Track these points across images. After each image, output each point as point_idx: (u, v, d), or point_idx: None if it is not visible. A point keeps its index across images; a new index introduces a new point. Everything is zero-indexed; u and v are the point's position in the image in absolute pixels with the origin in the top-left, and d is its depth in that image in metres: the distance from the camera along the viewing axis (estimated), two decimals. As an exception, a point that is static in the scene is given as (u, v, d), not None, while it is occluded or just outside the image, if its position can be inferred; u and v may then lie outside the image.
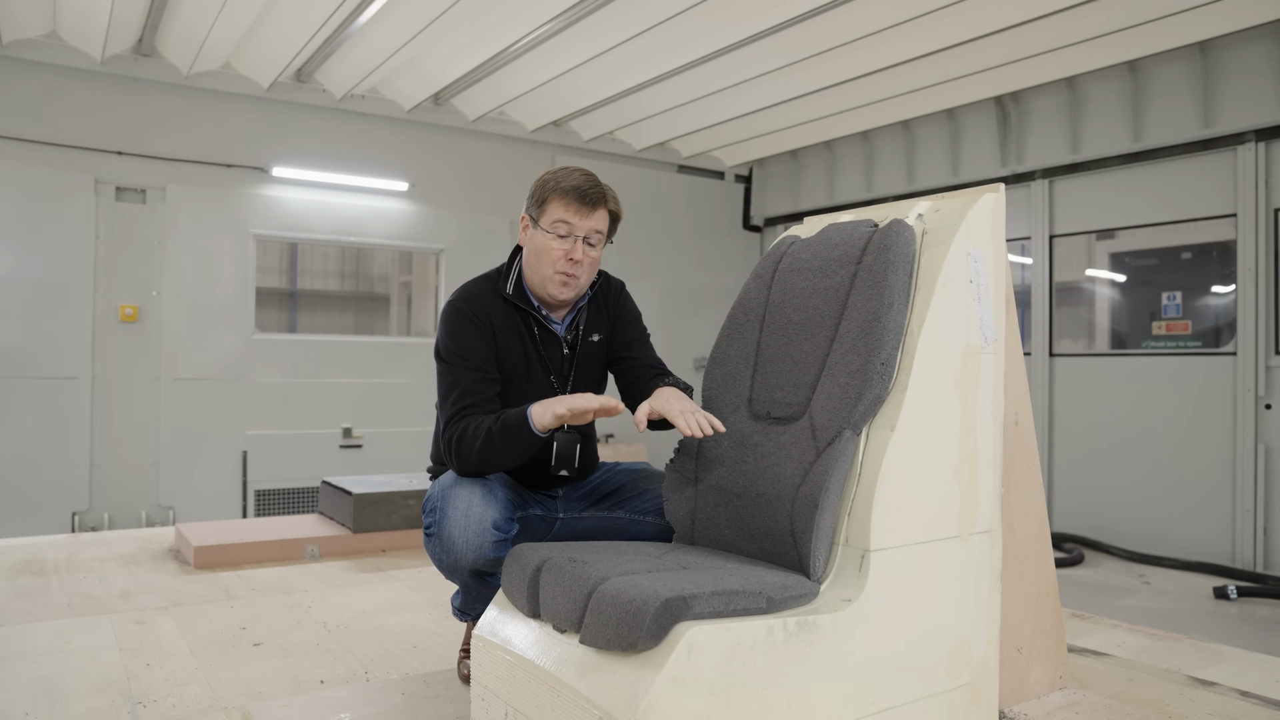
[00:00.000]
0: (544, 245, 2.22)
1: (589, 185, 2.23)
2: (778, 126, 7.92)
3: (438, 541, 2.07)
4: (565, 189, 2.21)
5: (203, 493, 6.33)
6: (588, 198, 2.21)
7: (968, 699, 1.99)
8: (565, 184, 2.21)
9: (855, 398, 1.88)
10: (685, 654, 1.54)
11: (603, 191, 2.26)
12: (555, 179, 2.25)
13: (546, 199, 2.23)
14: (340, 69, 6.50)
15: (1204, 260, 6.34)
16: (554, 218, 2.21)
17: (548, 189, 2.24)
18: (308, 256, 10.93)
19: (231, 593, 3.26)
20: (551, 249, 2.20)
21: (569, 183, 2.21)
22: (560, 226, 2.20)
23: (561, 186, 2.21)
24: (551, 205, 2.22)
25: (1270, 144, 5.54)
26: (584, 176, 2.24)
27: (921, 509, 1.90)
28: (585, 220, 2.21)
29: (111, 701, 2.20)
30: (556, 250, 2.20)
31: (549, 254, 2.21)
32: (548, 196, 2.23)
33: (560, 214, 2.20)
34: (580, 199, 2.20)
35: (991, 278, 2.06)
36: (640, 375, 2.35)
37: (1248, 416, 5.58)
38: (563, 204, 2.20)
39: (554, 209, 2.21)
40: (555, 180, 2.24)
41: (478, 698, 1.96)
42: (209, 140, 6.45)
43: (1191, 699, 2.30)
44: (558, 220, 2.20)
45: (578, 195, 2.20)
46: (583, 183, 2.22)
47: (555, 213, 2.21)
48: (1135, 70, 6.13)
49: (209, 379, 6.40)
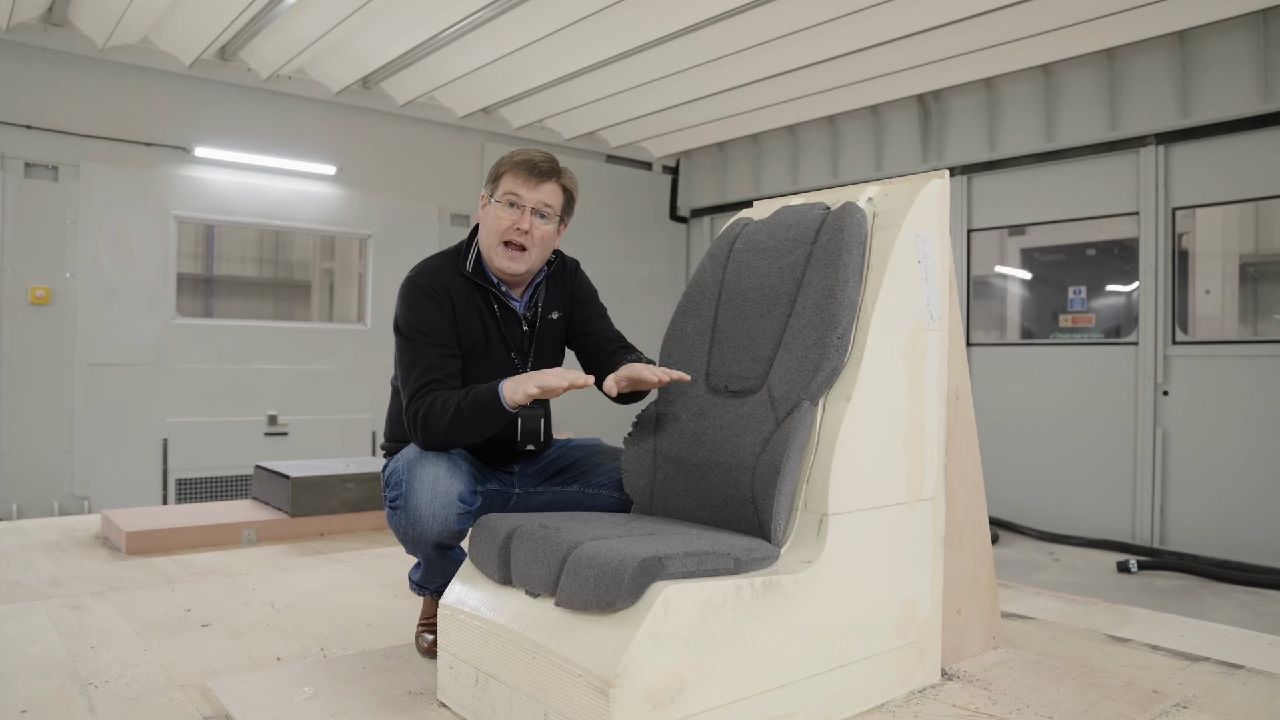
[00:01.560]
0: (493, 217, 2.27)
1: (541, 159, 2.30)
2: (705, 119, 8.03)
3: (403, 514, 2.09)
4: (517, 162, 2.28)
5: (120, 482, 6.10)
6: (537, 169, 2.27)
7: (914, 656, 2.12)
8: (518, 158, 2.29)
9: (813, 370, 1.98)
10: (662, 611, 1.61)
11: (554, 166, 2.32)
12: (510, 155, 2.32)
13: (500, 173, 2.30)
14: (267, 48, 6.33)
15: (1107, 257, 6.72)
16: (504, 190, 2.27)
17: (502, 165, 2.31)
18: (224, 241, 10.56)
19: (170, 577, 3.19)
20: (500, 219, 2.26)
21: (519, 157, 2.29)
22: (509, 197, 2.26)
23: (514, 160, 2.29)
24: (504, 179, 2.29)
25: (1169, 147, 5.90)
26: (539, 153, 2.31)
27: (874, 476, 2.01)
28: (533, 192, 2.26)
29: (59, 684, 2.14)
30: (505, 220, 2.25)
31: (497, 224, 2.26)
32: (501, 171, 2.30)
33: (509, 185, 2.26)
34: (529, 170, 2.26)
35: (937, 259, 2.19)
36: (604, 349, 2.41)
37: (1147, 403, 5.95)
38: (512, 176, 2.27)
39: (505, 183, 2.28)
40: (510, 157, 2.31)
41: (445, 665, 1.99)
42: (127, 117, 6.19)
43: (1110, 654, 2.48)
44: (507, 192, 2.26)
45: (527, 167, 2.27)
46: (535, 156, 2.29)
47: (506, 185, 2.27)
48: (1048, 74, 6.44)
49: (127, 364, 6.16)
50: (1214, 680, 2.27)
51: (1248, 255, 6.62)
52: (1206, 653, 2.49)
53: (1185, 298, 6.08)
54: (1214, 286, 6.44)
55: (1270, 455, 5.47)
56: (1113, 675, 2.27)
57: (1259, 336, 6.04)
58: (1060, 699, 2.08)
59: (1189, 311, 6.08)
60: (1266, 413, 5.50)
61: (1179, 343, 5.91)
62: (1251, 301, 6.64)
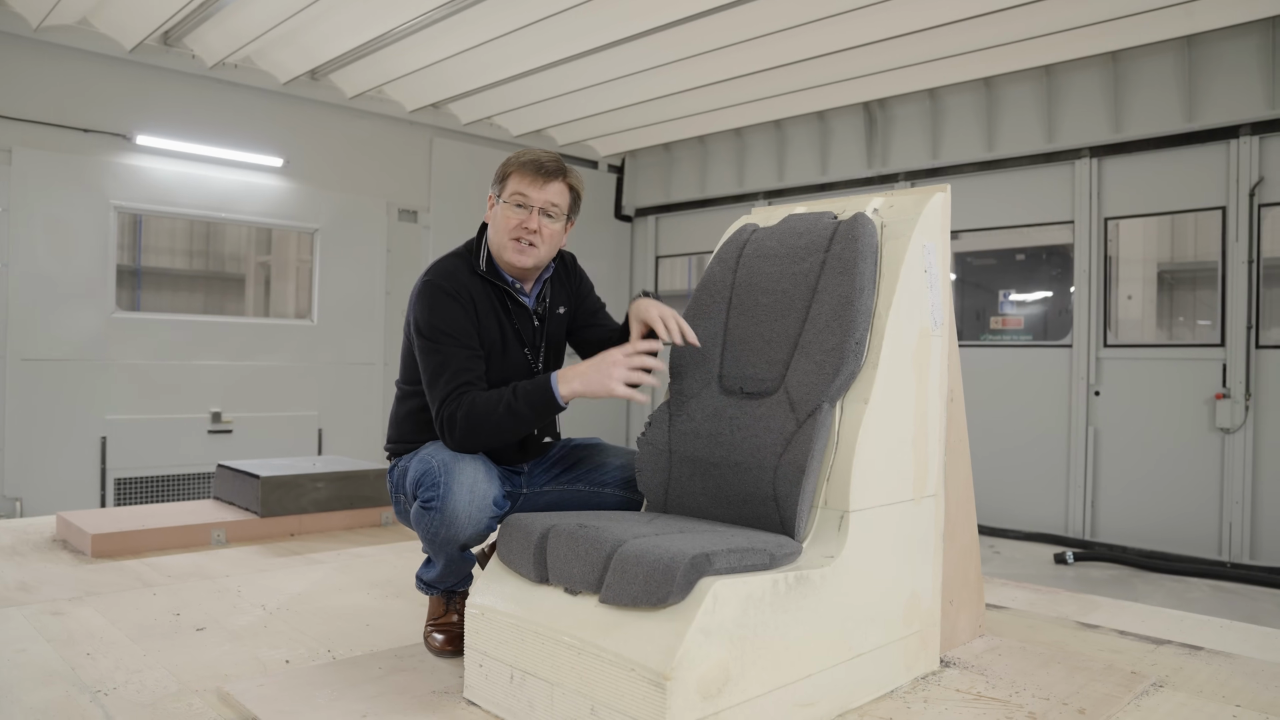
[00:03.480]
0: (503, 217, 2.31)
1: (547, 159, 2.35)
2: (652, 120, 8.11)
3: (438, 515, 2.10)
4: (523, 162, 2.32)
5: (55, 482, 5.85)
6: (543, 169, 2.32)
7: (918, 645, 2.23)
8: (524, 158, 2.33)
9: (832, 373, 2.07)
10: (712, 606, 1.67)
11: (561, 166, 2.37)
12: (517, 157, 2.36)
13: (507, 174, 2.34)
14: (213, 35, 6.14)
15: (1035, 263, 7.06)
16: (512, 190, 2.31)
17: (509, 165, 2.35)
18: (151, 232, 10.17)
19: (146, 580, 3.11)
20: (509, 218, 2.30)
21: (528, 157, 2.34)
22: (517, 197, 2.30)
23: (520, 160, 2.33)
24: (511, 179, 2.33)
25: (1102, 160, 6.24)
26: (545, 154, 2.36)
27: (887, 475, 2.11)
28: (541, 192, 2.31)
29: (66, 692, 2.09)
30: (513, 219, 2.30)
31: (506, 223, 2.31)
32: (509, 171, 2.34)
33: (517, 186, 2.31)
34: (536, 170, 2.31)
35: (940, 268, 2.30)
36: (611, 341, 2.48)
37: (1080, 403, 6.29)
38: (519, 176, 2.31)
39: (512, 183, 2.32)
40: (516, 158, 2.36)
41: (474, 664, 2.02)
42: (63, 101, 5.93)
43: (1084, 639, 2.65)
44: (515, 192, 2.30)
45: (534, 167, 2.31)
46: (541, 156, 2.34)
47: (514, 185, 2.31)
48: (989, 86, 6.73)
49: (63, 359, 5.91)
50: (1181, 661, 2.45)
51: (1164, 263, 7.03)
52: (1169, 636, 2.68)
53: (1109, 303, 6.43)
54: (1135, 292, 6.83)
55: (1190, 453, 5.85)
56: (1092, 659, 2.43)
57: (1174, 340, 6.44)
58: (1052, 682, 2.22)
59: (1113, 316, 6.44)
60: (1187, 412, 5.88)
61: (1110, 345, 6.25)
62: (1168, 307, 7.06)
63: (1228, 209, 5.74)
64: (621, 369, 2.14)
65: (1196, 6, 5.30)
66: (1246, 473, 5.60)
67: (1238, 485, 5.61)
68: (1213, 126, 5.77)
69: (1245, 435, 5.62)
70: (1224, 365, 5.72)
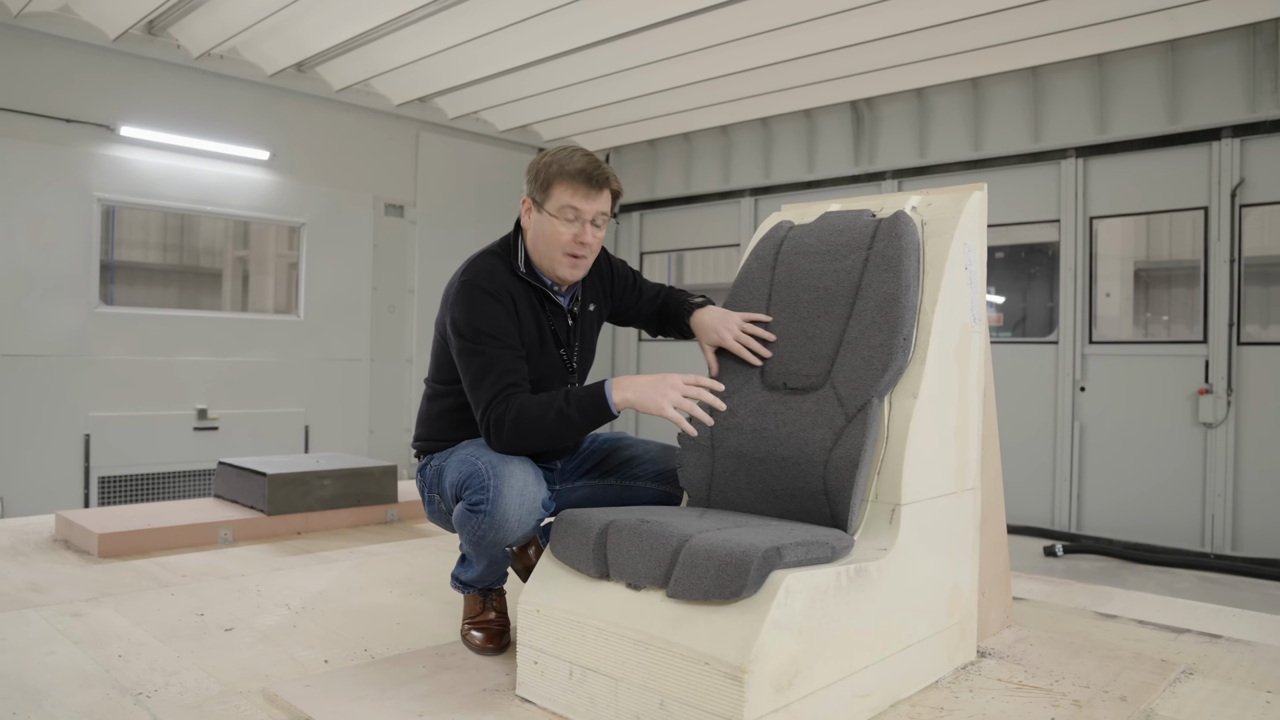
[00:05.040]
0: (551, 230, 2.23)
1: (593, 168, 2.23)
2: (637, 117, 8.11)
3: (488, 518, 2.07)
4: (570, 173, 2.20)
5: (38, 480, 5.71)
6: (594, 180, 2.22)
7: (958, 636, 2.27)
8: (570, 167, 2.20)
9: (881, 369, 2.09)
10: (784, 599, 1.68)
11: (605, 173, 2.26)
12: (558, 162, 2.23)
13: (552, 183, 2.22)
14: (200, 26, 6.02)
15: (1014, 260, 7.18)
16: (561, 203, 2.21)
17: (552, 172, 2.22)
18: (124, 224, 9.95)
19: (161, 580, 3.05)
20: (560, 233, 2.22)
21: (573, 165, 2.21)
22: (568, 211, 2.21)
23: (566, 170, 2.20)
24: (557, 190, 2.21)
25: (1088, 160, 6.36)
26: (586, 158, 2.24)
27: (933, 468, 2.14)
28: (592, 204, 2.23)
29: (106, 694, 2.05)
30: (565, 234, 2.22)
31: (557, 238, 2.23)
32: (553, 180, 2.22)
33: (567, 199, 2.20)
34: (587, 182, 2.21)
35: (978, 265, 2.34)
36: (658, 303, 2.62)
37: (1066, 398, 6.41)
38: (569, 188, 2.20)
39: (560, 194, 2.21)
40: (559, 164, 2.22)
41: (528, 661, 2.01)
42: (44, 91, 5.78)
43: (1106, 629, 2.71)
44: (565, 205, 2.21)
45: (584, 179, 2.20)
46: (587, 165, 2.22)
47: (562, 198, 2.21)
48: (976, 87, 6.82)
49: (44, 355, 5.77)
50: (1204, 649, 2.52)
51: (1140, 262, 7.19)
52: (1187, 625, 2.75)
53: (1093, 300, 6.56)
54: (1113, 290, 6.97)
55: (1173, 447, 5.99)
56: (1119, 648, 2.48)
57: (1149, 337, 6.58)
58: (1087, 670, 2.26)
59: (1093, 313, 6.56)
60: (1171, 407, 6.02)
61: (1095, 342, 6.38)
62: (1144, 304, 7.22)
63: (1210, 209, 5.88)
64: (677, 394, 2.06)
65: (1180, 12, 5.42)
66: (1228, 466, 5.75)
67: (1220, 478, 5.76)
68: (1195, 129, 5.91)
69: (1227, 430, 5.77)
70: (1206, 361, 5.86)
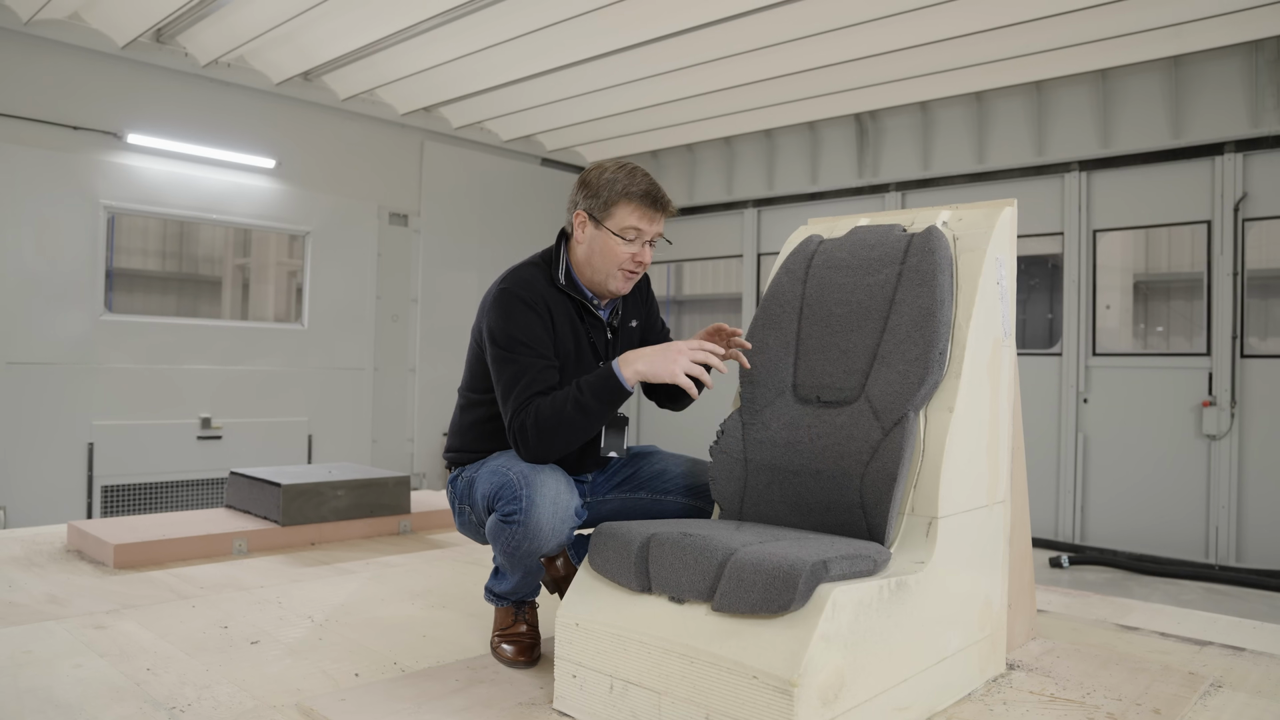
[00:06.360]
0: (610, 248, 2.26)
1: (658, 191, 2.28)
2: (641, 128, 8.14)
3: (521, 529, 2.08)
4: (637, 194, 2.24)
5: (41, 490, 5.67)
6: (658, 203, 2.27)
7: (988, 649, 2.28)
8: (635, 189, 2.24)
9: (917, 383, 2.10)
10: (832, 613, 1.69)
11: (667, 197, 2.32)
12: (622, 183, 2.25)
13: (615, 202, 2.25)
14: (208, 34, 6.02)
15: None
16: (625, 223, 2.24)
17: (616, 191, 2.24)
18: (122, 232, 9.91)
19: (180, 592, 3.03)
20: (619, 252, 2.26)
21: (638, 187, 2.24)
22: (630, 232, 2.25)
23: (632, 192, 2.24)
24: (621, 210, 2.24)
25: (1091, 174, 6.41)
26: (649, 180, 2.28)
27: (967, 481, 2.15)
28: (654, 225, 2.29)
29: (139, 708, 2.03)
30: (624, 253, 2.26)
31: (615, 256, 2.26)
32: (617, 200, 2.25)
33: (632, 220, 2.24)
34: (652, 205, 2.26)
35: (1009, 280, 2.35)
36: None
37: (1070, 410, 6.44)
38: (635, 210, 2.24)
39: (624, 214, 2.24)
40: (623, 185, 2.25)
41: (566, 674, 2.01)
42: (53, 98, 5.77)
43: (1129, 641, 2.72)
44: (628, 226, 2.24)
45: (650, 201, 2.25)
46: (651, 188, 2.26)
47: (626, 218, 2.24)
48: (980, 100, 6.87)
49: (49, 363, 5.73)
50: (1229, 662, 2.53)
51: (1140, 274, 7.25)
52: (1208, 638, 2.76)
53: (1092, 312, 6.60)
54: (1113, 302, 7.02)
55: (1177, 459, 6.03)
56: (1145, 660, 2.49)
57: (1149, 349, 6.63)
58: (1117, 683, 2.27)
59: (1095, 325, 6.61)
60: (1174, 419, 6.05)
61: (1099, 354, 6.42)
62: (1143, 316, 7.27)
63: (1213, 223, 5.93)
64: (685, 359, 2.12)
65: (1184, 28, 5.48)
66: (1232, 478, 5.78)
67: (1224, 490, 5.80)
68: (1198, 143, 5.96)
69: (1231, 442, 5.80)
70: (1210, 373, 5.90)
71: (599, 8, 5.39)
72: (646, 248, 2.28)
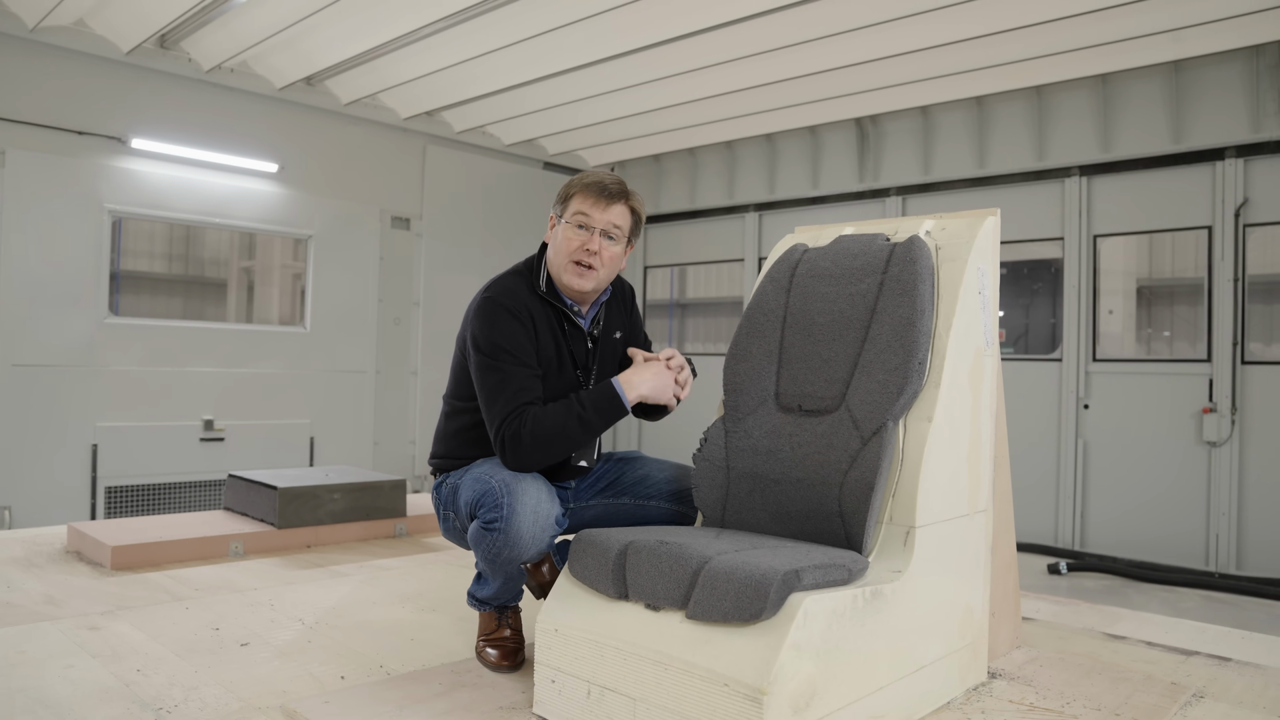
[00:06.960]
0: (564, 237, 2.33)
1: (610, 181, 2.36)
2: (642, 132, 8.17)
3: (502, 536, 2.10)
4: (586, 184, 2.34)
5: (45, 491, 5.73)
6: (606, 191, 2.33)
7: (969, 657, 2.29)
8: (587, 180, 2.35)
9: (896, 392, 2.11)
10: (803, 621, 1.71)
11: (623, 188, 2.38)
12: (579, 177, 2.38)
13: (570, 195, 2.36)
14: (212, 39, 6.07)
15: (1017, 276, 7.20)
16: (573, 210, 2.33)
17: (572, 186, 2.37)
18: (129, 235, 10.00)
19: (174, 594, 3.07)
20: (570, 239, 2.31)
21: (591, 179, 2.36)
22: (579, 218, 2.31)
23: (583, 182, 2.35)
24: (574, 200, 2.34)
25: (1091, 179, 6.41)
26: (608, 175, 2.39)
27: (946, 490, 2.17)
28: (603, 214, 2.32)
29: (127, 709, 2.06)
30: (574, 240, 2.31)
31: (567, 244, 2.32)
32: (571, 193, 2.36)
33: (579, 206, 2.32)
34: (599, 192, 2.33)
35: (991, 289, 2.37)
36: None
37: (1070, 415, 6.43)
38: (581, 197, 2.33)
39: (575, 203, 2.34)
40: (579, 178, 2.38)
41: (545, 679, 2.03)
42: (58, 103, 5.83)
43: (1115, 650, 2.72)
44: (577, 212, 2.32)
45: (596, 189, 2.33)
46: (604, 179, 2.36)
47: (575, 206, 2.33)
48: (981, 105, 6.87)
49: (54, 365, 5.79)
50: (1213, 672, 2.53)
51: (1143, 279, 7.22)
52: (1195, 647, 2.76)
53: (1093, 318, 6.59)
54: (1116, 307, 7.00)
55: (1177, 465, 6.01)
56: (1129, 670, 2.50)
57: (1151, 354, 6.61)
58: (1098, 692, 2.28)
59: (1096, 330, 6.60)
60: (1175, 426, 6.04)
61: (1099, 360, 6.41)
62: (1146, 321, 7.25)
63: (1213, 228, 5.92)
64: (673, 383, 2.36)
65: (1185, 33, 5.47)
66: (1233, 485, 5.77)
67: (1224, 497, 5.78)
68: (1199, 148, 5.95)
69: (1231, 448, 5.79)
70: (1210, 380, 5.89)
71: (601, 12, 5.43)
72: (597, 236, 2.30)
